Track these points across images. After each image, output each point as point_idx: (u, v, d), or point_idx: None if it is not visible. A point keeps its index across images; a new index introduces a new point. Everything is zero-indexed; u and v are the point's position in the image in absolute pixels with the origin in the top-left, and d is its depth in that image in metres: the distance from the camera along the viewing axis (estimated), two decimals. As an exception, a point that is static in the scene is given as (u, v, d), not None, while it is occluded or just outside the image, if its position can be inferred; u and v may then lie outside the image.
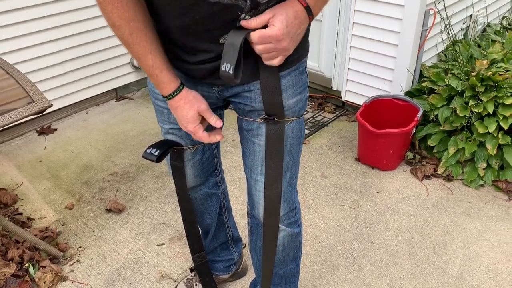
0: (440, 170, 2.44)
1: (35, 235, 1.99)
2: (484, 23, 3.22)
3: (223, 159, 2.54)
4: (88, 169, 2.57)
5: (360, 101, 2.77)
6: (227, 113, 1.43)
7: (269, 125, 1.17)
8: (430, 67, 2.74)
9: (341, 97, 3.02)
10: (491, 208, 2.25)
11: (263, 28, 0.97)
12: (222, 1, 0.94)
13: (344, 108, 3.10)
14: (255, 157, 1.26)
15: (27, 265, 1.89)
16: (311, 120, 2.99)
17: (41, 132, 2.89)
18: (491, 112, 2.29)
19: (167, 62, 1.09)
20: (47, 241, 2.02)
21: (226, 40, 0.98)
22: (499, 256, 1.99)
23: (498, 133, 2.30)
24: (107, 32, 2.88)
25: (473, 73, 2.37)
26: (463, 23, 3.03)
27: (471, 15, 3.08)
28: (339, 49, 2.91)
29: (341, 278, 1.90)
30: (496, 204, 2.27)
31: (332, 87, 3.08)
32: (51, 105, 1.65)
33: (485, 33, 3.20)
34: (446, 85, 2.48)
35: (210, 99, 1.24)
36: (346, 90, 2.94)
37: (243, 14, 0.98)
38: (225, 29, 1.00)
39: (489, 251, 2.01)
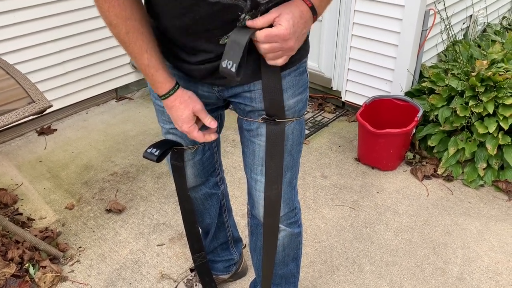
0: (440, 170, 2.44)
1: (35, 235, 1.99)
2: (484, 23, 3.23)
3: (223, 159, 2.54)
4: (88, 169, 2.57)
5: (360, 101, 2.77)
6: (227, 113, 1.43)
7: (269, 126, 1.17)
8: (430, 67, 2.74)
9: (341, 97, 3.02)
10: (491, 208, 2.25)
11: (268, 27, 0.97)
12: (222, 1, 0.94)
13: (344, 108, 3.11)
14: (255, 157, 1.26)
15: (27, 265, 1.89)
16: (311, 120, 2.99)
17: (41, 132, 2.90)
18: (491, 112, 2.29)
19: (163, 62, 1.09)
20: (47, 241, 2.02)
21: (229, 37, 0.97)
22: (499, 257, 1.98)
23: (498, 133, 2.30)
24: (107, 32, 2.87)
25: (473, 73, 2.37)
26: (463, 23, 3.03)
27: (471, 15, 3.08)
28: (339, 49, 2.91)
29: (341, 279, 1.90)
30: (496, 204, 2.27)
31: (332, 87, 3.08)
32: (51, 105, 1.65)
33: (485, 33, 3.20)
34: (446, 85, 2.48)
35: (210, 99, 1.24)
36: (346, 90, 2.94)
37: (243, 14, 0.97)
38: (225, 29, 1.00)
39: (489, 251, 2.01)
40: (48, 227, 2.15)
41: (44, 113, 1.93)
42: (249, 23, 0.97)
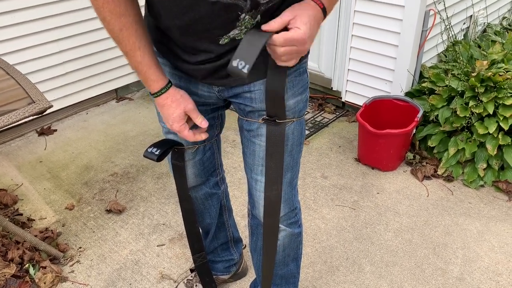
0: (440, 171, 2.44)
1: (35, 236, 1.99)
2: (484, 23, 3.23)
3: (223, 160, 2.54)
4: (88, 169, 2.57)
5: (360, 101, 2.77)
6: (228, 113, 1.43)
7: (269, 126, 1.17)
8: (430, 67, 2.74)
9: (341, 98, 3.02)
10: (492, 208, 2.25)
11: (284, 30, 0.95)
12: (222, 0, 0.94)
13: (344, 108, 3.11)
14: (255, 158, 1.26)
15: (27, 265, 1.89)
16: (311, 120, 2.99)
17: (41, 133, 2.90)
18: (491, 113, 2.29)
19: (156, 60, 1.09)
20: (47, 242, 2.02)
21: (244, 37, 0.95)
22: (499, 257, 1.98)
23: (498, 133, 2.30)
24: (107, 33, 2.88)
25: (473, 74, 2.38)
26: (463, 23, 3.03)
27: (471, 16, 3.08)
28: (339, 50, 2.91)
29: (341, 279, 1.89)
30: (496, 205, 2.27)
31: (332, 87, 3.08)
32: (51, 106, 1.65)
33: (485, 33, 3.20)
34: (446, 85, 2.48)
35: (211, 99, 1.24)
36: (346, 91, 2.94)
37: (243, 14, 0.97)
38: (225, 29, 1.00)
39: (489, 251, 2.01)
40: (48, 227, 2.15)
41: (44, 113, 1.93)
42: (264, 27, 0.95)
